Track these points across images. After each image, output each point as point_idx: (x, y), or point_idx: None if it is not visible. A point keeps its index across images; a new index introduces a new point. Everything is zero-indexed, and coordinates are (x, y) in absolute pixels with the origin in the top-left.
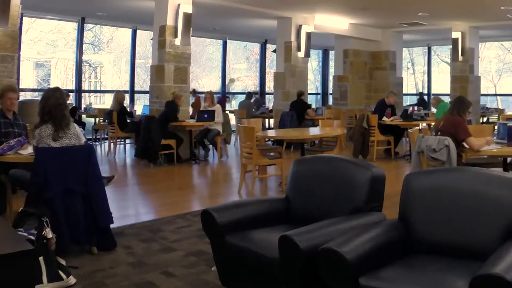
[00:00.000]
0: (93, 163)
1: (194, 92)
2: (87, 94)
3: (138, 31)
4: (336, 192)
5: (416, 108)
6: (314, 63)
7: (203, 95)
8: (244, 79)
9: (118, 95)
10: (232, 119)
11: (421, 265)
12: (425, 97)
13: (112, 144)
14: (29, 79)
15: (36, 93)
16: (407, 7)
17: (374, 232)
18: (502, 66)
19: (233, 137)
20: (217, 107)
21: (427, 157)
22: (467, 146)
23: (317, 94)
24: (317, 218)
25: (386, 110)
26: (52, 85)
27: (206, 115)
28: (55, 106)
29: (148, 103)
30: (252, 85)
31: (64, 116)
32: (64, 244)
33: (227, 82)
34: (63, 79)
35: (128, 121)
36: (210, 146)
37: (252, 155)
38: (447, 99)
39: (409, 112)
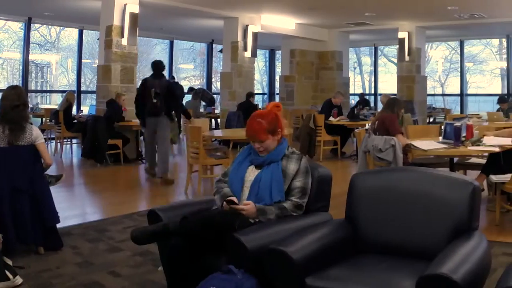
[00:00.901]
0: (40, 162)
1: None
2: (33, 94)
3: (84, 31)
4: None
5: (361, 107)
6: (260, 63)
7: None
8: (191, 79)
9: (70, 96)
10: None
11: (368, 264)
12: (367, 97)
13: (58, 144)
14: None
15: None
16: (353, 7)
17: (320, 232)
18: (449, 66)
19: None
20: None
21: (373, 157)
22: (421, 144)
23: (263, 94)
24: None
25: (332, 110)
26: None
27: None
28: (11, 108)
29: (94, 103)
30: (199, 85)
31: (18, 120)
32: (11, 244)
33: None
34: (10, 79)
35: (75, 121)
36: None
37: (199, 155)
38: None
39: (355, 112)
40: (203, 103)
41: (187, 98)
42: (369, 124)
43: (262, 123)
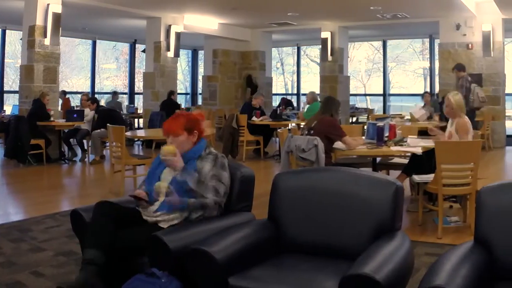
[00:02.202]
0: None
1: (64, 93)
2: None
3: (7, 31)
4: None
5: (284, 107)
6: (183, 63)
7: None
8: (114, 79)
9: None
10: None
11: (291, 264)
12: (289, 97)
13: None
14: None
15: None
16: (276, 7)
17: (243, 232)
18: (372, 66)
19: None
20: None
21: (296, 157)
22: (343, 145)
23: (186, 94)
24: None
25: (254, 111)
26: None
27: (75, 115)
28: None
29: (17, 103)
30: (121, 85)
31: None
32: None
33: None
34: None
35: None
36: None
37: (121, 155)
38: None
39: (278, 112)
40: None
41: (109, 98)
42: (293, 124)
43: (180, 118)
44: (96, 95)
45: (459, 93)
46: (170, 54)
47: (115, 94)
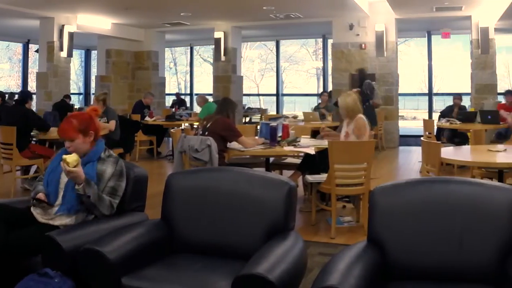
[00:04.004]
0: None
1: None
2: None
3: None
4: None
5: (177, 107)
6: (76, 63)
7: None
8: (7, 79)
9: None
10: None
11: (184, 264)
12: (183, 97)
13: None
14: None
15: None
16: (169, 7)
17: (136, 232)
18: (265, 66)
19: None
20: None
21: (189, 157)
22: (238, 145)
23: (79, 94)
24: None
25: (145, 110)
26: None
27: None
28: None
29: None
30: (14, 85)
31: None
32: None
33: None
34: None
35: None
36: None
37: (12, 156)
38: (210, 99)
39: (171, 112)
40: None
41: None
42: (186, 124)
43: (73, 122)
44: None
45: (351, 93)
46: (63, 54)
47: (11, 94)
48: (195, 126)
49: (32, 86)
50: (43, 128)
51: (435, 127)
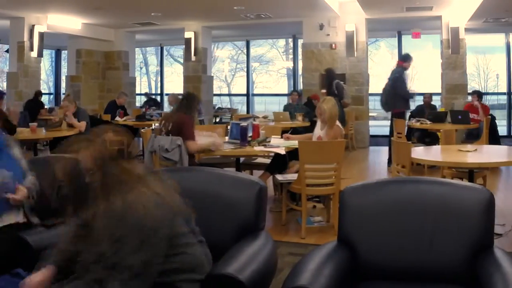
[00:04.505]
0: None
1: None
2: None
3: None
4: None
5: (148, 107)
6: (47, 63)
7: None
8: None
9: None
10: None
11: None
12: (153, 97)
13: None
14: None
15: None
16: (139, 7)
17: None
18: (235, 66)
19: None
20: None
21: (159, 157)
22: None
23: (50, 94)
24: None
25: (118, 111)
26: None
27: None
28: None
29: None
30: None
31: None
32: None
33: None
34: None
35: None
36: None
37: None
38: None
39: (142, 112)
40: None
41: None
42: (156, 124)
43: None
44: None
45: (332, 99)
46: (34, 54)
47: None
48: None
49: (2, 86)
50: (9, 130)
51: (406, 127)
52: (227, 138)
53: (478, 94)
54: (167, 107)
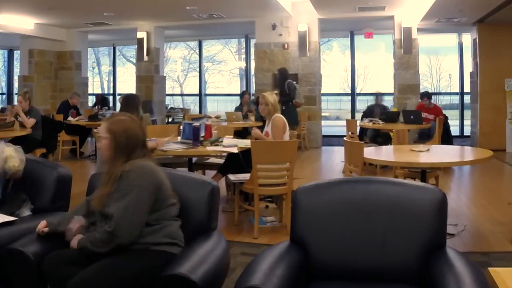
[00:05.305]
0: None
1: None
2: None
3: None
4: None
5: (100, 107)
6: None
7: None
8: None
9: None
10: None
11: None
12: (107, 97)
13: None
14: None
15: None
16: (92, 7)
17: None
18: (188, 66)
19: None
20: None
21: None
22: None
23: (2, 94)
24: None
25: (70, 111)
26: None
27: None
28: None
29: None
30: None
31: None
32: None
33: None
34: None
35: None
36: None
37: None
38: None
39: (94, 112)
40: None
41: None
42: None
43: None
44: None
45: (273, 93)
46: None
47: None
48: None
49: None
50: None
51: (358, 127)
52: (179, 138)
53: (428, 96)
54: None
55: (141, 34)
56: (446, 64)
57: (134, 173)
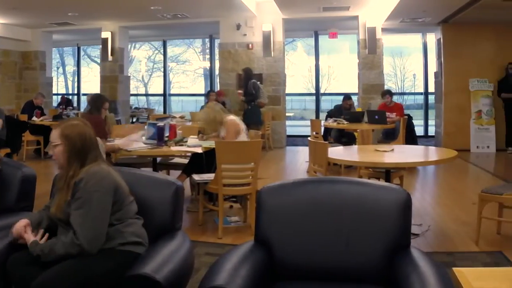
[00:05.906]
0: None
1: None
2: None
3: None
4: None
5: (64, 107)
6: None
7: None
8: None
9: None
10: None
11: None
12: (71, 99)
13: None
14: None
15: None
16: (56, 7)
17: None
18: (152, 66)
19: None
20: None
21: None
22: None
23: None
24: None
25: (35, 111)
26: None
27: None
28: None
29: None
30: None
31: None
32: None
33: None
34: None
35: None
36: None
37: None
38: None
39: (58, 112)
40: None
41: None
42: None
43: None
44: None
45: (206, 108)
46: None
47: None
48: None
49: None
50: None
51: (322, 127)
52: (144, 138)
53: (390, 94)
54: (84, 107)
55: (106, 34)
56: (411, 64)
57: (91, 180)
